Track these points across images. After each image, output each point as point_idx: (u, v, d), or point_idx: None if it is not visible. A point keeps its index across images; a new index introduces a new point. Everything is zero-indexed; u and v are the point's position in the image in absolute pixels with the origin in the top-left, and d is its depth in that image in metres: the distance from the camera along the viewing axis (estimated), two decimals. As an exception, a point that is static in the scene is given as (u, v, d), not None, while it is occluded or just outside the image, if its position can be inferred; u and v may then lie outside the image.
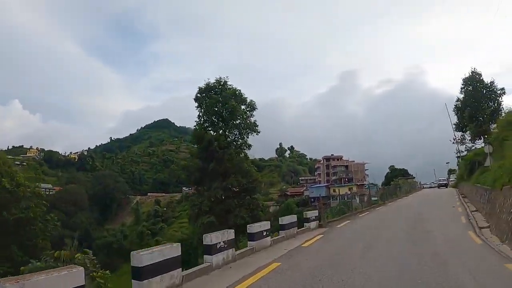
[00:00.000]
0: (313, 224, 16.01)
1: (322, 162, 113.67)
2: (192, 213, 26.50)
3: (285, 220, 13.77)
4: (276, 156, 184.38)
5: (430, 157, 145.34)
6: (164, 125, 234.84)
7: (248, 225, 11.67)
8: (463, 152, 40.56)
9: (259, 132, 27.75)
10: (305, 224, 15.62)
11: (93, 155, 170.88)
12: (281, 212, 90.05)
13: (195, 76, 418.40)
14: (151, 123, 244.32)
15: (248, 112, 27.88)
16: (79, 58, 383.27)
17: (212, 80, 28.30)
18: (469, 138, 28.97)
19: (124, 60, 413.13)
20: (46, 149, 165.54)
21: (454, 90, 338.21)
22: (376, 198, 30.57)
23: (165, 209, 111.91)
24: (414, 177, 75.07)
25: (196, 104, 28.23)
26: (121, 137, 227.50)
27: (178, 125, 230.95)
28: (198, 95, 28.42)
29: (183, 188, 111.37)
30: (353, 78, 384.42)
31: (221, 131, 27.02)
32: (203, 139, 25.87)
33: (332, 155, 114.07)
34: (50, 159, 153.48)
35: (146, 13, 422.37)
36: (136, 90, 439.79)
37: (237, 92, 27.59)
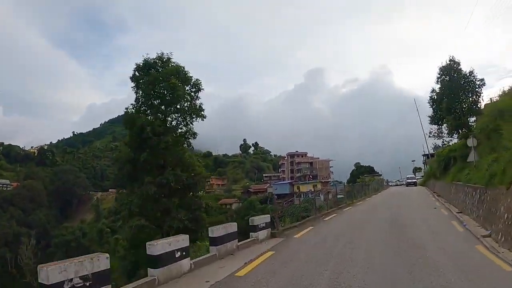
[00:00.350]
0: (262, 234, 11.68)
1: (286, 158, 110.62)
2: (124, 214, 21.58)
3: (217, 231, 9.32)
4: (240, 152, 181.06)
5: (395, 156, 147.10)
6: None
7: (147, 243, 7.13)
8: (439, 147, 38.01)
9: (204, 117, 22.99)
10: (251, 234, 11.27)
11: (53, 150, 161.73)
12: (243, 210, 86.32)
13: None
14: (115, 117, 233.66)
15: (193, 94, 23.05)
16: (43, 49, 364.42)
17: (153, 56, 23.33)
18: (446, 131, 26.00)
19: (89, 53, 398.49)
20: (6, 143, 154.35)
21: (419, 90, 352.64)
22: (342, 196, 26.96)
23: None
24: (381, 175, 73.35)
25: (133, 84, 23.15)
26: (84, 131, 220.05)
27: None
28: (136, 73, 23.35)
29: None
30: (319, 77, 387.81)
31: (160, 115, 22.08)
32: (135, 123, 20.90)
33: (297, 151, 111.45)
34: (9, 153, 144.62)
35: (112, 6, 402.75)
36: (102, 83, 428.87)
37: (180, 70, 22.65)
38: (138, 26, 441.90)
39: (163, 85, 21.42)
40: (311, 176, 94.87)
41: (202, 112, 22.69)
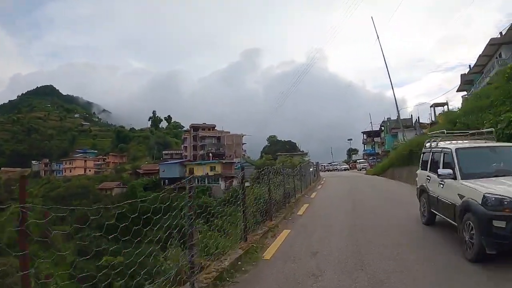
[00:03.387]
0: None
1: (190, 132, 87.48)
2: None
3: None
4: (149, 126, 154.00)
5: (327, 139, 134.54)
6: (47, 92, 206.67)
7: None
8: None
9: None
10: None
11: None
12: (127, 196, 62.15)
13: (92, 42, 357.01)
14: (33, 90, 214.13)
15: None
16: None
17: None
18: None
19: (16, 21, 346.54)
20: None
21: (352, 77, 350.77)
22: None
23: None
24: (307, 153, 54.01)
25: None
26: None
27: (65, 93, 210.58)
28: None
29: (33, 162, 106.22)
30: (255, 57, 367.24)
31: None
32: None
33: (205, 123, 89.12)
34: None
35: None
36: (28, 54, 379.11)
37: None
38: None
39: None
40: (211, 154, 73.32)
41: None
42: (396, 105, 28.68)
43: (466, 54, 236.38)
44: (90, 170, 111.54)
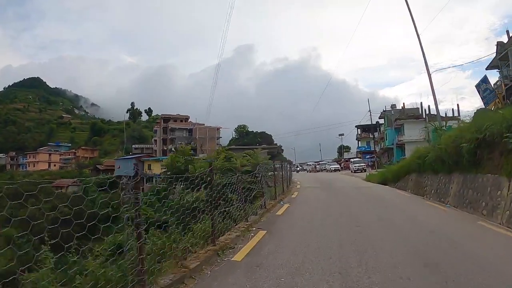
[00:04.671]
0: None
1: (160, 123, 76.65)
2: None
3: None
4: (127, 119, 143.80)
5: (317, 137, 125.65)
6: (34, 84, 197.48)
7: None
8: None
9: None
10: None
11: None
12: (79, 196, 51.22)
13: (82, 36, 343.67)
14: (19, 82, 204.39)
15: None
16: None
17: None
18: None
19: (7, 13, 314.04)
20: None
21: (346, 75, 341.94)
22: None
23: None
24: (281, 146, 42.99)
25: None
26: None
27: (52, 86, 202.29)
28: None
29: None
30: (248, 53, 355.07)
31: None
32: None
33: (178, 114, 78.33)
34: None
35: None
36: (20, 46, 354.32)
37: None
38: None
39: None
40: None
41: None
42: (432, 86, 17.29)
43: (458, 55, 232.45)
44: (55, 165, 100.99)
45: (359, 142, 71.31)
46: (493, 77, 29.65)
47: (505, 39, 27.77)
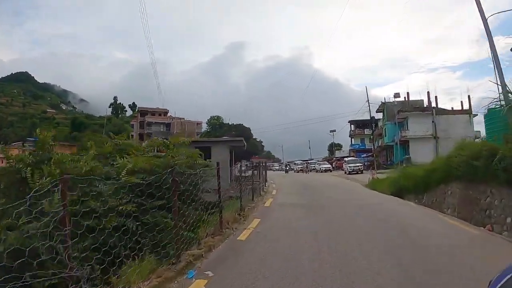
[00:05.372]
0: None
1: (137, 117, 70.36)
2: None
3: None
4: (110, 114, 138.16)
5: (306, 135, 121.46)
6: (21, 78, 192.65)
7: None
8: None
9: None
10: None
11: None
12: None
13: (75, 32, 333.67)
14: (6, 76, 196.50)
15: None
16: None
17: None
18: None
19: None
20: None
21: (337, 74, 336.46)
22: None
23: None
24: (254, 141, 35.92)
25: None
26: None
27: (41, 81, 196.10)
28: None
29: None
30: (240, 51, 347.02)
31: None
32: None
33: (157, 108, 71.93)
34: None
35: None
36: (9, 40, 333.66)
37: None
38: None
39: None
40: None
41: None
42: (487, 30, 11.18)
43: (449, 56, 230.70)
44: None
45: (353, 139, 65.35)
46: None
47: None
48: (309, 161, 61.61)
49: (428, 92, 36.03)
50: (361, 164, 34.50)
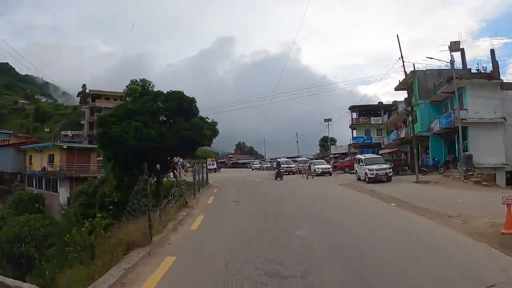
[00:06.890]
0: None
1: (88, 102, 56.47)
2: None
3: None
4: (77, 103, 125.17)
5: (295, 130, 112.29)
6: (2, 70, 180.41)
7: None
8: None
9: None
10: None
11: None
12: None
13: (56, 22, 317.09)
14: None
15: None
16: None
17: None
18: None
19: None
20: None
21: (325, 71, 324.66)
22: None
23: None
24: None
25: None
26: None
27: (23, 73, 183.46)
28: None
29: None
30: (227, 46, 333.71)
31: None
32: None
33: (113, 91, 58.65)
34: None
35: None
36: None
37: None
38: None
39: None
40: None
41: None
42: None
43: (435, 56, 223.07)
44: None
45: (355, 131, 52.15)
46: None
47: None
48: (296, 159, 47.41)
49: (492, 50, 23.01)
50: (387, 167, 21.05)
